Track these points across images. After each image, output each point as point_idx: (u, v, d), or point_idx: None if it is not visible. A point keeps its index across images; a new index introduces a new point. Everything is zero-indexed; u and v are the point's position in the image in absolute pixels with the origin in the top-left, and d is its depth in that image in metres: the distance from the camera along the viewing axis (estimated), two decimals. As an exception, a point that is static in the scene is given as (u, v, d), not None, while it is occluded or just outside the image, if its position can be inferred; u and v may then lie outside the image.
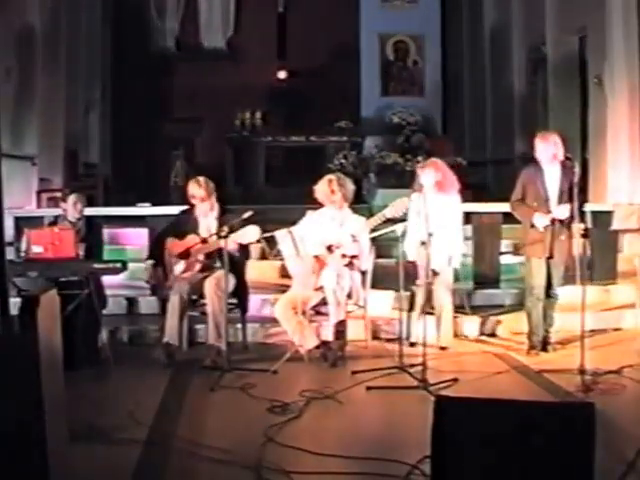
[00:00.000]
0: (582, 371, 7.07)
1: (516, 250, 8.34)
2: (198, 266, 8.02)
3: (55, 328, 4.78)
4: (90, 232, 8.26)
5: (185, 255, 8.02)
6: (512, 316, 8.76)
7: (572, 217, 7.83)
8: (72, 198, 8.29)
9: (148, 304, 8.90)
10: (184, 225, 8.20)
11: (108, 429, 5.78)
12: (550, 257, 7.99)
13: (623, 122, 11.20)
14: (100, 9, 17.06)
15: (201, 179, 8.10)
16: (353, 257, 7.80)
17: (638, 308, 8.32)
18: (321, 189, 8.04)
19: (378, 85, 17.09)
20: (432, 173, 8.01)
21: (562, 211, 7.82)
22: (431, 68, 17.21)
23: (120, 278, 8.15)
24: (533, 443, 3.88)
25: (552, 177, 7.98)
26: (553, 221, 7.89)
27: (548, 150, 7.92)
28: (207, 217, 8.12)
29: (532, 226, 7.96)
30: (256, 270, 8.63)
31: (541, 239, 7.94)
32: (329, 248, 7.76)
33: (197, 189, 8.01)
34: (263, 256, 8.70)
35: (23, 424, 4.22)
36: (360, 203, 8.52)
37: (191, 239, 8.00)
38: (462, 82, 17.80)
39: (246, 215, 7.46)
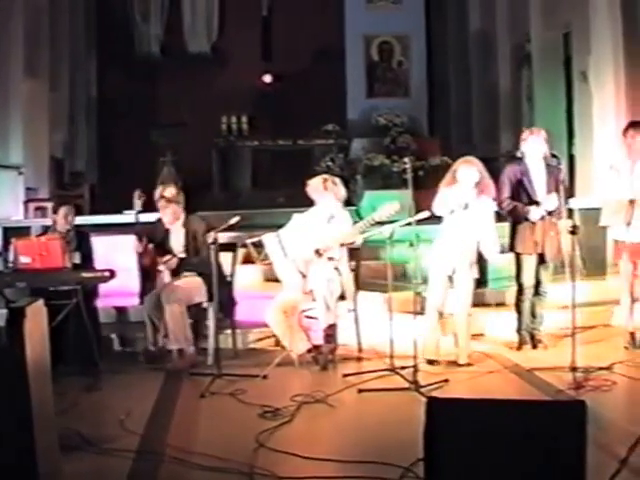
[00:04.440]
0: (573, 368, 7.08)
1: (506, 248, 8.33)
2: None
3: (43, 339, 4.77)
4: (83, 241, 8.26)
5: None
6: (500, 314, 8.75)
7: (560, 214, 7.86)
8: (63, 210, 8.32)
9: (138, 312, 8.87)
10: (159, 232, 8.30)
11: (99, 439, 5.74)
12: (541, 254, 8.02)
13: (609, 117, 11.20)
14: (83, 15, 17.02)
15: (168, 188, 8.27)
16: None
17: (622, 304, 8.32)
18: (314, 183, 8.04)
19: (363, 87, 17.07)
20: (474, 172, 7.73)
21: (551, 201, 7.87)
22: (416, 68, 17.19)
23: (109, 286, 8.11)
24: (525, 442, 3.88)
25: (538, 174, 8.01)
26: (542, 217, 7.93)
27: (538, 145, 7.95)
28: (174, 226, 8.20)
29: (524, 221, 7.98)
30: (240, 275, 8.58)
31: (532, 235, 7.96)
32: (317, 252, 7.74)
33: (161, 198, 8.13)
34: (247, 260, 8.66)
35: (11, 436, 4.20)
36: (347, 205, 8.50)
37: None
38: (447, 82, 17.80)
39: (233, 221, 7.45)
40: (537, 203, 7.98)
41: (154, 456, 5.48)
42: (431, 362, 7.54)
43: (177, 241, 8.22)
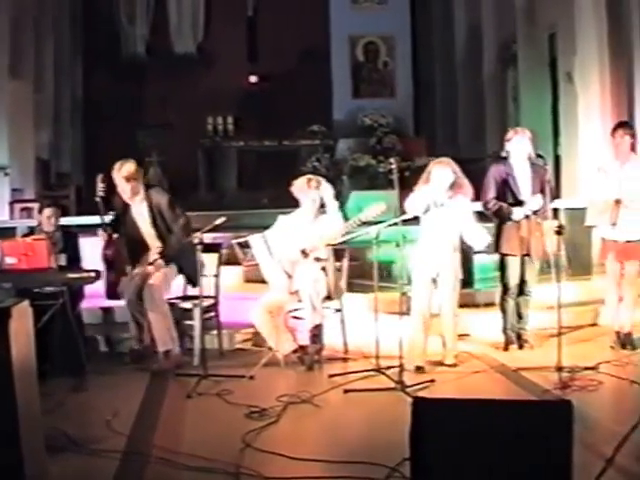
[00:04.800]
0: (559, 368, 7.09)
1: (491, 249, 8.35)
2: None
3: (28, 340, 4.75)
4: (69, 243, 8.24)
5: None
6: (487, 314, 8.76)
7: (545, 214, 7.88)
8: (47, 212, 8.35)
9: (124, 313, 8.84)
10: (117, 208, 8.20)
11: (86, 439, 5.72)
12: (526, 254, 8.04)
13: (595, 117, 11.24)
14: (69, 16, 16.98)
15: (126, 164, 8.09)
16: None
17: (608, 304, 8.34)
18: (298, 183, 8.04)
19: (349, 87, 17.09)
20: (448, 172, 7.69)
21: (536, 201, 7.91)
22: (402, 69, 17.22)
23: (96, 287, 8.09)
24: (511, 442, 3.89)
25: (524, 175, 8.04)
26: (528, 216, 7.96)
27: (523, 144, 7.98)
28: (134, 201, 8.07)
29: (508, 221, 8.00)
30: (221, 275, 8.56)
31: (518, 235, 7.98)
32: (303, 252, 7.74)
33: (119, 175, 8.02)
34: (228, 261, 8.63)
35: (-3, 437, 4.19)
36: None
37: None
38: (433, 82, 17.82)
39: (219, 221, 7.44)
40: (522, 203, 8.01)
41: (141, 457, 5.46)
42: (418, 368, 7.48)
43: (141, 216, 8.07)
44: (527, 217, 7.99)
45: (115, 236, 8.11)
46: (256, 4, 17.95)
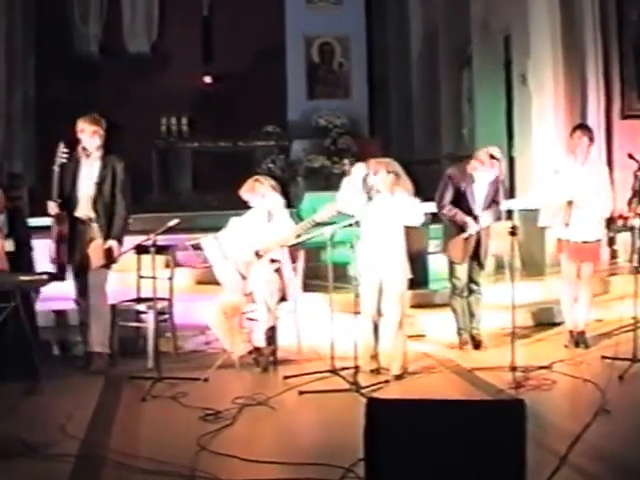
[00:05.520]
0: (513, 368, 7.15)
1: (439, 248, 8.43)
2: None
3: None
4: (16, 224, 7.94)
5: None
6: (442, 315, 8.79)
7: (499, 217, 7.96)
8: None
9: (77, 315, 8.76)
10: (69, 170, 7.86)
11: (39, 444, 5.66)
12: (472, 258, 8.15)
13: (548, 119, 11.33)
14: (21, 14, 16.78)
15: (95, 114, 7.96)
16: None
17: (562, 304, 8.42)
18: (246, 185, 8.00)
19: (304, 88, 17.05)
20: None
21: (485, 219, 7.99)
22: (357, 70, 17.21)
23: (47, 289, 8.00)
24: (465, 441, 3.91)
25: (481, 189, 8.11)
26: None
27: (490, 174, 8.03)
28: (90, 158, 7.88)
29: (459, 230, 8.06)
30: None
31: (465, 246, 8.06)
32: (257, 253, 7.72)
33: (88, 123, 7.85)
34: (180, 263, 8.57)
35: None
36: (288, 207, 8.49)
37: None
38: (388, 83, 17.85)
39: (172, 223, 7.39)
40: (475, 217, 8.07)
41: (96, 460, 5.44)
42: (372, 371, 7.46)
43: (88, 175, 7.82)
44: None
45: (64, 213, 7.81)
46: (211, 4, 17.85)
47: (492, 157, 8.00)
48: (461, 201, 8.11)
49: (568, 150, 8.37)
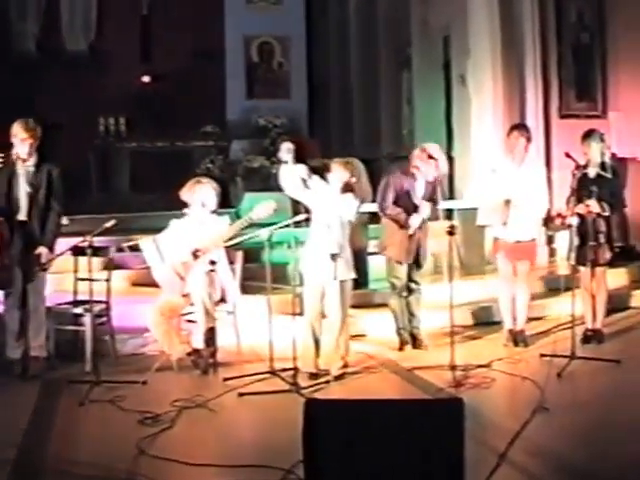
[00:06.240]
0: (453, 367, 7.18)
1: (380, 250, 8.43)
2: None
3: None
4: None
5: None
6: (382, 315, 8.80)
7: (437, 217, 8.00)
8: None
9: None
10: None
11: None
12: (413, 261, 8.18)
13: (487, 119, 11.41)
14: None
15: (29, 120, 7.78)
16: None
17: (501, 303, 8.47)
18: (185, 186, 7.95)
19: (243, 88, 17.01)
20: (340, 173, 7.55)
21: (424, 209, 7.99)
22: (297, 70, 17.21)
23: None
24: (404, 441, 3.90)
25: (420, 184, 8.13)
26: (420, 227, 8.07)
27: (432, 171, 8.05)
28: (24, 165, 7.70)
29: (400, 228, 8.06)
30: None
31: (406, 245, 8.07)
32: (195, 254, 7.66)
33: (22, 130, 7.67)
34: (117, 265, 8.47)
35: None
36: (227, 207, 8.45)
37: None
38: (328, 83, 17.88)
39: (109, 224, 7.30)
40: (416, 208, 8.08)
41: (33, 467, 5.37)
42: (312, 375, 7.36)
43: (24, 180, 7.67)
44: (419, 228, 8.10)
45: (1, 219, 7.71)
46: (150, 3, 17.72)
47: (430, 157, 8.03)
48: (403, 200, 8.11)
49: (506, 150, 8.42)
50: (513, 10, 11.34)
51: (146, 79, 17.63)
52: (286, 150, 7.61)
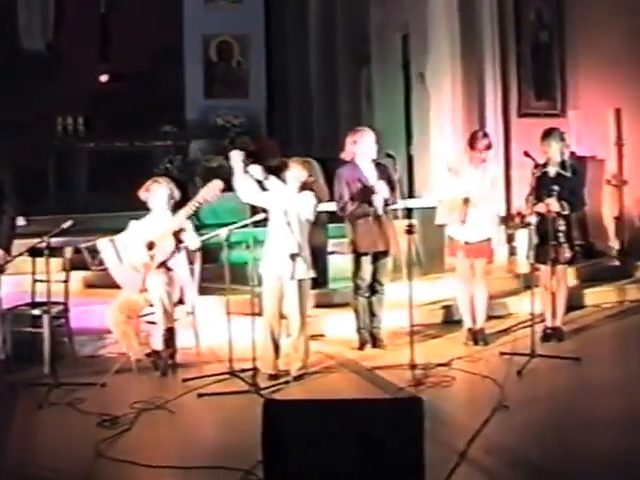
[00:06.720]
0: (412, 366, 7.20)
1: (346, 248, 8.41)
2: None
3: None
4: None
5: None
6: (341, 314, 8.80)
7: (397, 215, 7.99)
8: None
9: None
10: None
11: None
12: (378, 253, 8.11)
13: (446, 117, 11.43)
14: None
15: None
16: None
17: (459, 302, 8.51)
18: (143, 187, 7.91)
19: (202, 87, 16.94)
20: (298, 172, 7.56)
21: (381, 188, 7.98)
22: (255, 69, 17.15)
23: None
24: (362, 441, 3.91)
25: (370, 175, 8.12)
26: (379, 216, 8.01)
27: (368, 146, 8.05)
28: None
29: (359, 218, 8.04)
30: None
31: (370, 232, 8.03)
32: (150, 245, 7.60)
33: None
34: (75, 266, 8.39)
35: None
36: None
37: None
38: (288, 82, 17.86)
39: (66, 225, 7.25)
40: (371, 190, 8.05)
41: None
42: (271, 376, 7.33)
43: None
44: (379, 216, 8.05)
45: None
46: (109, 1, 17.60)
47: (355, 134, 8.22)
48: (359, 188, 8.08)
49: (471, 159, 8.35)
50: (472, 9, 11.37)
51: (104, 78, 17.50)
52: (234, 158, 7.58)
